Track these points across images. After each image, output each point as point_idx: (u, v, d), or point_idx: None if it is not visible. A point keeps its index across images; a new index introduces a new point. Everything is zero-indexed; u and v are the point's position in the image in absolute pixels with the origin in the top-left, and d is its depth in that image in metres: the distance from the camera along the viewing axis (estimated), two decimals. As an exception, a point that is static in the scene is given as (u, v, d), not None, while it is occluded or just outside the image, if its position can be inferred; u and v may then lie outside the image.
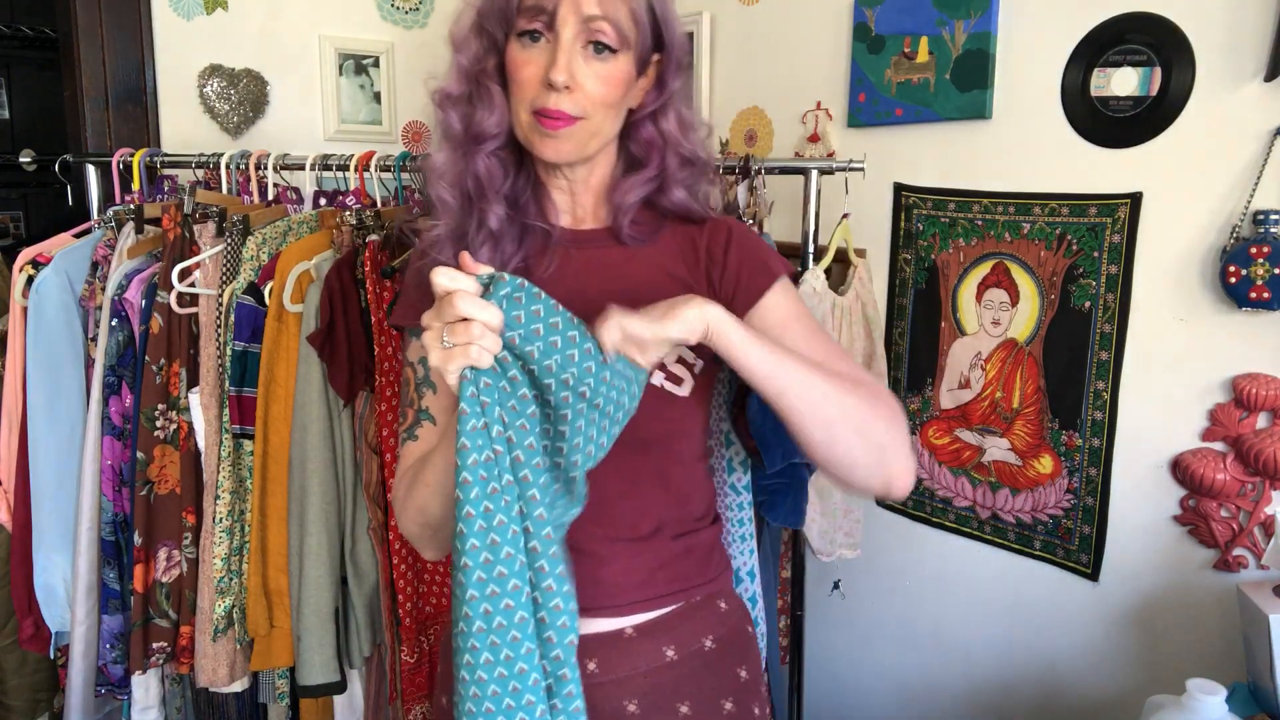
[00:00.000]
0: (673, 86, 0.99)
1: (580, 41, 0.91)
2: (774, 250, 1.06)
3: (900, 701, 1.90)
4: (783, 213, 1.68)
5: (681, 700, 0.98)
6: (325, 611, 1.49)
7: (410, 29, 2.52)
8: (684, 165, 1.01)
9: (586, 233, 1.02)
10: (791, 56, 1.94)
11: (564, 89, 0.90)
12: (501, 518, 0.78)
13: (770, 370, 0.86)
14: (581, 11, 0.89)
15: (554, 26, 0.90)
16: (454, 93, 0.98)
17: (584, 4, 0.89)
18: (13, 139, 3.50)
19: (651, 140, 1.00)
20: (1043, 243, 1.56)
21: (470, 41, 0.96)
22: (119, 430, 1.69)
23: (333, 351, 1.46)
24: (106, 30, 2.19)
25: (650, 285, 0.99)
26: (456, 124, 0.98)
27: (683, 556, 1.02)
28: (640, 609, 0.99)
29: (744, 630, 1.07)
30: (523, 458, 0.79)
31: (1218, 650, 1.41)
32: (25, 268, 1.79)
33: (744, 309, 0.97)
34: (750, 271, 1.00)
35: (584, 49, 0.91)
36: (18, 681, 2.15)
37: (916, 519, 1.82)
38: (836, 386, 0.88)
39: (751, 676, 1.05)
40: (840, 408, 0.88)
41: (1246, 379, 1.35)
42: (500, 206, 0.98)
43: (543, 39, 0.91)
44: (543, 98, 0.91)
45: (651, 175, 1.00)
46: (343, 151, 1.73)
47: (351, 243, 1.53)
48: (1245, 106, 1.32)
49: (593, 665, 0.97)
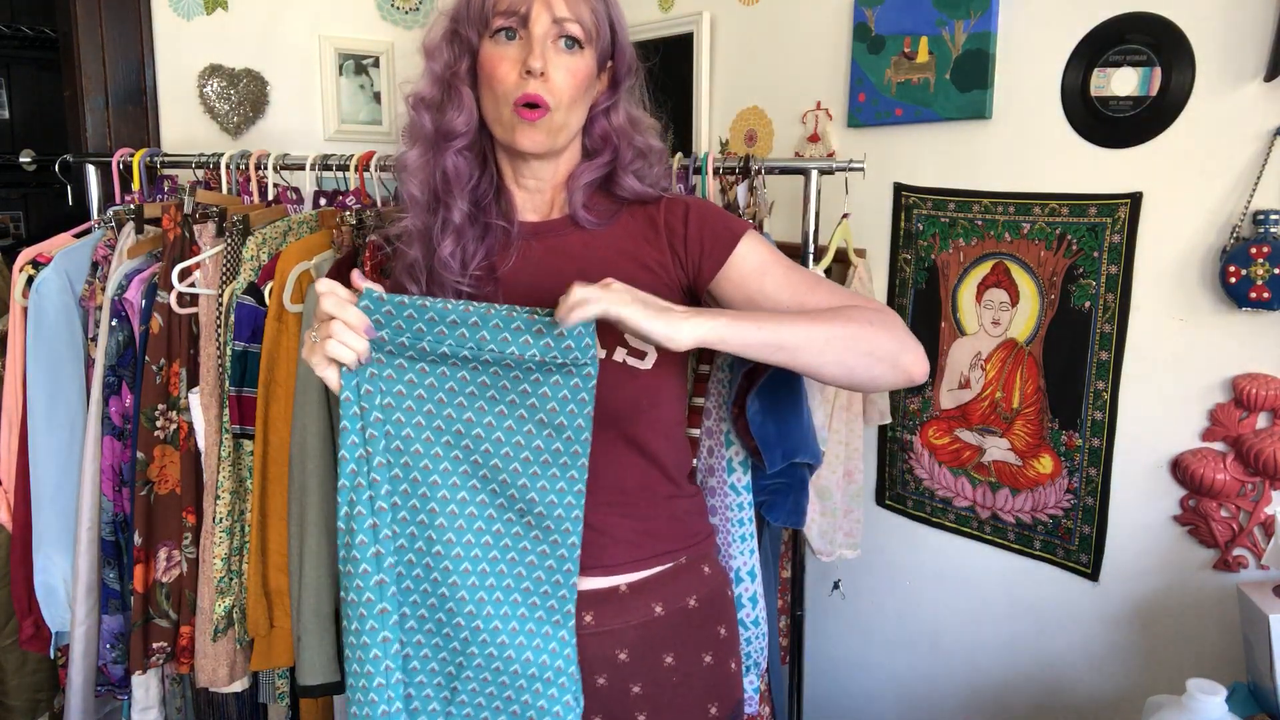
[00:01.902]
0: (624, 86, 1.10)
1: (551, 36, 1.01)
2: (733, 215, 1.13)
3: (900, 701, 1.90)
4: (783, 213, 1.68)
5: (667, 652, 1.08)
6: (325, 611, 1.48)
7: (410, 29, 2.52)
8: (637, 156, 1.11)
9: (547, 224, 1.10)
10: (791, 56, 1.94)
11: (539, 75, 0.99)
12: (364, 501, 0.92)
13: (774, 345, 0.94)
14: (553, 12, 1.00)
15: (527, 24, 1.00)
16: (427, 96, 1.07)
17: (554, 6, 1.00)
18: (13, 139, 3.50)
19: (605, 134, 1.10)
20: (1043, 243, 1.56)
21: (442, 49, 1.05)
22: (119, 430, 1.69)
23: (333, 351, 1.46)
24: (106, 30, 2.19)
25: (604, 264, 1.06)
26: (428, 124, 1.07)
27: (669, 522, 1.12)
28: (631, 569, 1.08)
29: (724, 593, 1.16)
30: (403, 445, 0.93)
31: (1218, 650, 1.41)
32: (25, 268, 1.79)
33: (714, 269, 1.05)
34: (713, 234, 1.06)
35: (554, 43, 1.01)
36: (18, 681, 2.15)
37: (916, 519, 1.82)
38: (834, 325, 0.97)
39: (729, 634, 1.15)
40: (845, 341, 0.97)
41: (1246, 379, 1.35)
42: (465, 203, 1.07)
43: (516, 36, 1.01)
44: (521, 85, 1.00)
45: (604, 161, 1.10)
46: (343, 151, 1.73)
47: (351, 243, 1.53)
48: (1245, 106, 1.32)
49: (589, 617, 1.06)
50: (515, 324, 0.89)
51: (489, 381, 0.93)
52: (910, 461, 1.81)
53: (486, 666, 0.95)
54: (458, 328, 0.89)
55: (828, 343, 0.96)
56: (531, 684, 0.96)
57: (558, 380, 0.92)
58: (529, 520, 0.95)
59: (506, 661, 0.95)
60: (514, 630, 0.95)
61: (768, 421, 1.23)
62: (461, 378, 0.93)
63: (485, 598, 0.94)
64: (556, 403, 0.93)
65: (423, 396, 0.93)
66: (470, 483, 0.95)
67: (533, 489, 0.95)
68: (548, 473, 0.95)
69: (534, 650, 0.96)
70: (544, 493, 0.95)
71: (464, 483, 0.95)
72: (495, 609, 0.94)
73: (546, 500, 0.95)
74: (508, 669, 0.95)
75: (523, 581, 0.96)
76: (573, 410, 0.93)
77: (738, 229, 1.07)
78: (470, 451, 0.94)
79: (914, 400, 1.79)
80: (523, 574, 0.96)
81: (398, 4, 2.51)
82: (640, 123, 1.12)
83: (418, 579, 0.95)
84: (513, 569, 0.96)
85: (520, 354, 0.89)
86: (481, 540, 0.95)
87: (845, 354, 0.97)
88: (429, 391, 0.93)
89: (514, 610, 0.95)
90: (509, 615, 0.95)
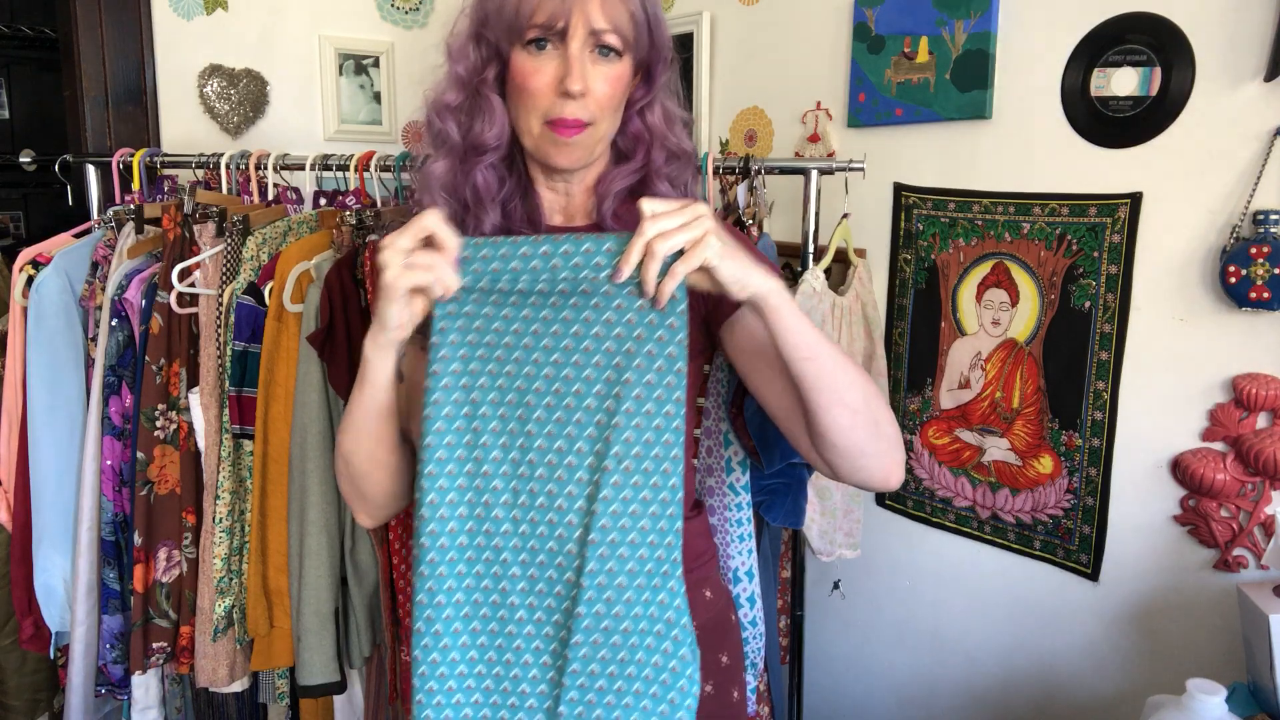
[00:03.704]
0: (660, 81, 1.02)
1: (588, 47, 0.93)
2: (761, 254, 1.07)
3: (900, 701, 1.90)
4: (783, 213, 1.68)
5: None
6: (325, 611, 1.49)
7: (410, 29, 2.52)
8: (670, 159, 1.04)
9: (575, 229, 1.05)
10: (791, 56, 1.94)
11: (580, 96, 0.93)
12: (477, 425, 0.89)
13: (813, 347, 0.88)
14: (590, 24, 0.92)
15: (565, 37, 0.92)
16: (452, 102, 0.99)
17: (592, 17, 0.92)
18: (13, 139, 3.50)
19: (639, 134, 1.02)
20: (1042, 243, 1.56)
21: (468, 51, 0.97)
22: (119, 430, 1.69)
23: (333, 351, 1.46)
24: (106, 30, 2.19)
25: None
26: (455, 134, 1.00)
27: None
28: None
29: (726, 618, 1.11)
30: (498, 396, 0.89)
31: (1218, 650, 1.41)
32: (25, 268, 1.79)
33: (734, 307, 0.99)
34: None
35: (591, 53, 0.94)
36: (18, 681, 2.16)
37: (916, 519, 1.82)
38: (860, 376, 0.91)
39: (732, 662, 1.10)
40: (864, 395, 0.91)
41: (1246, 379, 1.35)
42: (496, 213, 1.01)
43: (548, 45, 0.93)
44: (558, 107, 0.94)
45: (637, 166, 1.03)
46: (343, 151, 1.73)
47: (351, 243, 1.53)
48: (1245, 106, 1.32)
49: None
50: (592, 250, 0.85)
51: (571, 316, 0.88)
52: (910, 461, 1.81)
53: (596, 626, 0.88)
54: (531, 259, 0.86)
55: (851, 384, 0.90)
56: (644, 639, 0.89)
57: (643, 305, 0.87)
58: (627, 465, 0.88)
59: (616, 619, 0.88)
60: (621, 586, 0.88)
61: (766, 422, 1.23)
62: (544, 316, 0.88)
63: (589, 553, 0.88)
64: (644, 328, 0.87)
65: (510, 344, 0.89)
66: (566, 430, 0.89)
67: (627, 427, 0.88)
68: (642, 409, 0.88)
69: (643, 604, 0.89)
70: (639, 430, 0.88)
71: (559, 431, 0.89)
72: (600, 564, 0.88)
73: (643, 439, 0.88)
74: (618, 626, 0.89)
75: (627, 534, 0.89)
76: (662, 337, 0.87)
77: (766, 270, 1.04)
78: (562, 395, 0.89)
79: (914, 400, 1.79)
80: (626, 525, 0.89)
81: (398, 4, 2.51)
82: (675, 119, 1.05)
83: (522, 537, 0.90)
84: (616, 521, 0.89)
85: (598, 278, 0.86)
86: (584, 492, 0.89)
87: (859, 406, 0.91)
88: (516, 337, 0.89)
89: (620, 565, 0.89)
90: (615, 570, 0.88)
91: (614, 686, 0.89)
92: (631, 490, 0.88)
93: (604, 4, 0.92)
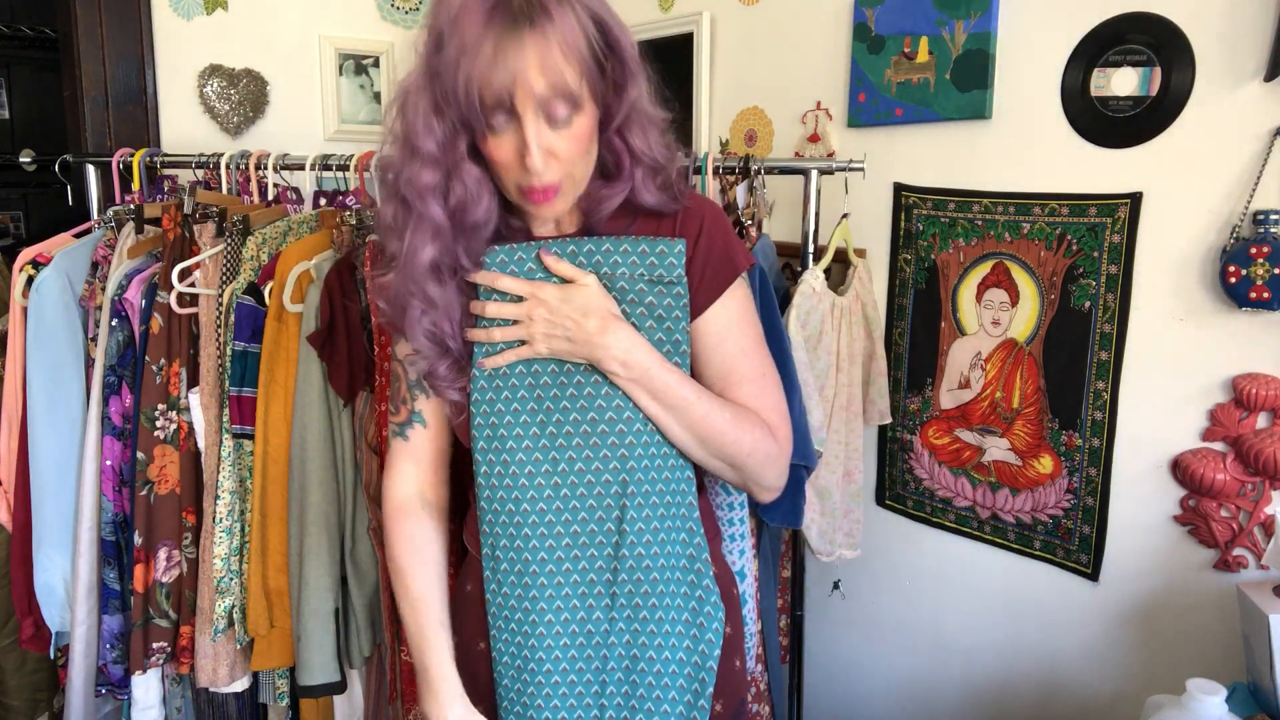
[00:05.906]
0: (630, 98, 0.98)
1: (540, 117, 0.92)
2: (741, 244, 1.10)
3: (900, 701, 1.90)
4: (783, 213, 1.68)
5: None
6: (325, 611, 1.49)
7: (410, 29, 2.52)
8: (653, 173, 1.04)
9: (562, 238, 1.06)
10: (791, 56, 1.94)
11: (542, 170, 0.93)
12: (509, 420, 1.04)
13: (653, 413, 1.02)
14: (535, 94, 0.90)
15: (514, 113, 0.91)
16: (431, 183, 0.97)
17: (534, 86, 0.89)
18: (13, 139, 3.50)
19: (620, 152, 1.02)
20: (1043, 243, 1.56)
21: (433, 126, 0.95)
22: (119, 430, 1.69)
23: (333, 351, 1.46)
24: (106, 30, 2.19)
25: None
26: (440, 216, 0.98)
27: None
28: None
29: (729, 592, 1.16)
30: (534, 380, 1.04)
31: (1218, 650, 1.41)
32: (25, 268, 1.79)
33: (701, 307, 1.05)
34: (714, 270, 1.05)
35: (549, 121, 0.92)
36: (18, 681, 2.16)
37: (916, 519, 1.82)
38: (704, 426, 1.02)
39: (734, 633, 1.14)
40: (716, 445, 1.03)
41: (1246, 379, 1.35)
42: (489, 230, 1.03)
43: (503, 117, 0.92)
44: (527, 177, 0.94)
45: (624, 187, 1.03)
46: (343, 151, 1.73)
47: (351, 243, 1.53)
48: (1245, 106, 1.32)
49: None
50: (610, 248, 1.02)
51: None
52: (910, 461, 1.81)
53: (638, 566, 1.03)
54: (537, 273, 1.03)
55: (703, 443, 1.03)
56: (679, 587, 1.04)
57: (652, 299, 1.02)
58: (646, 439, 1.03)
59: (655, 558, 1.03)
60: (649, 542, 1.03)
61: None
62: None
63: (628, 504, 1.02)
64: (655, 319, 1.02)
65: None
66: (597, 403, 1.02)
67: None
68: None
69: (672, 557, 1.04)
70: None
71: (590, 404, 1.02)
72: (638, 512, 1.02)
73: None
74: (656, 565, 1.03)
75: (650, 497, 1.03)
76: (670, 326, 1.02)
77: (738, 265, 1.06)
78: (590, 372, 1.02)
79: (914, 400, 1.79)
80: (649, 490, 1.03)
81: (398, 4, 2.51)
82: (652, 126, 1.03)
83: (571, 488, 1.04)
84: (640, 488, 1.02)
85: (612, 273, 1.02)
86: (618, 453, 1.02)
87: (716, 453, 1.04)
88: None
89: (647, 526, 1.03)
90: (643, 530, 1.03)
91: (655, 616, 1.04)
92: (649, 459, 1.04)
93: (543, 63, 0.89)
